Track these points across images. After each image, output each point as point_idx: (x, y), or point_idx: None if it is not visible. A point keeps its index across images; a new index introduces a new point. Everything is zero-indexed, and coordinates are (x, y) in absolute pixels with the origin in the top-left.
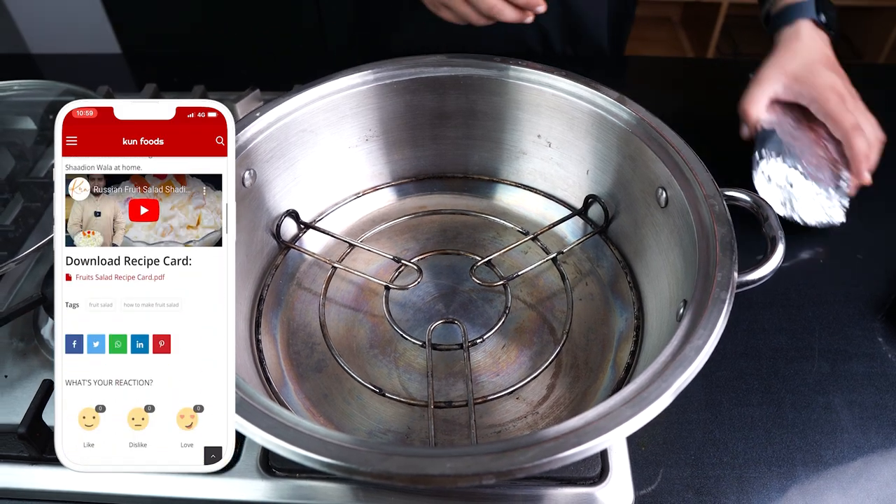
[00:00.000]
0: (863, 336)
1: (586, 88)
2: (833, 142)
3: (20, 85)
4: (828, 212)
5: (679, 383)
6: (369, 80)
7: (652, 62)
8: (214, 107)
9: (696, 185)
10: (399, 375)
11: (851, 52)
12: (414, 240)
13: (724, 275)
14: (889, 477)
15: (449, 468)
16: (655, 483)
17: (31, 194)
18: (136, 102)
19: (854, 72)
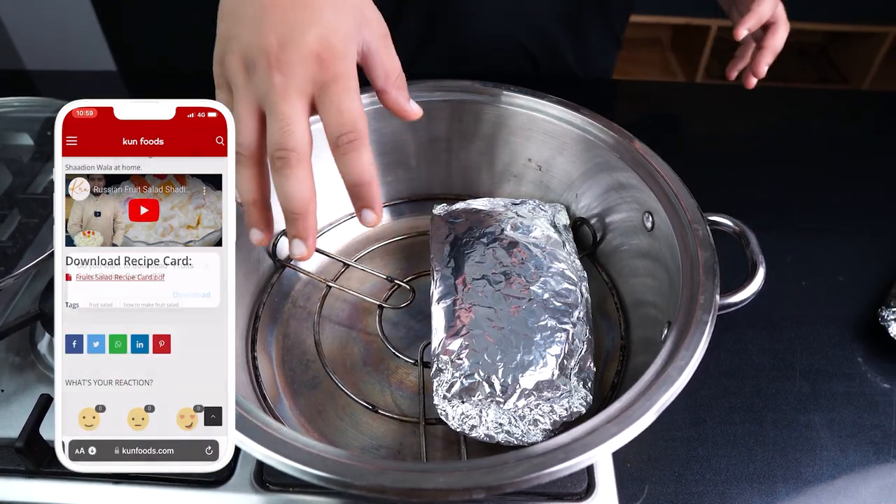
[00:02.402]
0: (843, 356)
1: (576, 114)
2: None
3: (18, 101)
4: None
5: (662, 401)
6: (365, 104)
7: (640, 86)
8: (214, 107)
9: (682, 210)
10: (391, 392)
11: (838, 77)
12: (407, 260)
13: (706, 298)
14: (867, 494)
15: (441, 482)
16: (640, 499)
17: (28, 210)
18: (135, 102)
19: (840, 97)
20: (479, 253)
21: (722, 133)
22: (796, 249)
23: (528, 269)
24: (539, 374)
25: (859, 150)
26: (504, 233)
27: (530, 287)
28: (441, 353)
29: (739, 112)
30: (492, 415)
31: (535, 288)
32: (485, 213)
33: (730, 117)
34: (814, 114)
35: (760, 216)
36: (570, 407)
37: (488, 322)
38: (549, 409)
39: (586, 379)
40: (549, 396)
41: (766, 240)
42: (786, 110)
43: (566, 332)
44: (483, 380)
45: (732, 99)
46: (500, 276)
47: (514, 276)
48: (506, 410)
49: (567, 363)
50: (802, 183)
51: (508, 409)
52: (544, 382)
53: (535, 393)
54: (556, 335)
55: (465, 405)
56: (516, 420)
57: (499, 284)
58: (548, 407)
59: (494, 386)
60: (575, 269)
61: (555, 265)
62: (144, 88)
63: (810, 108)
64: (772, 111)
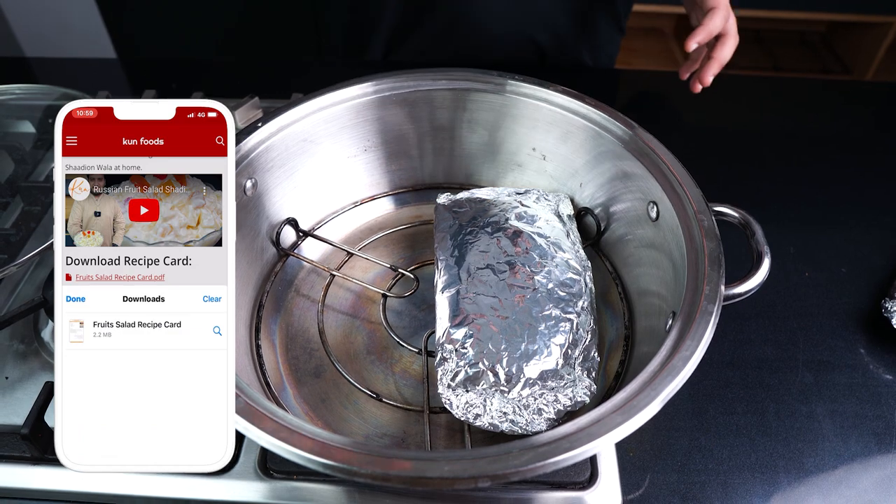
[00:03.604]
0: (846, 348)
1: (581, 104)
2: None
3: (19, 89)
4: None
5: (667, 392)
6: (369, 92)
7: (644, 76)
8: (214, 107)
9: (687, 200)
10: (395, 381)
11: (840, 67)
12: (411, 249)
13: (711, 288)
14: (868, 484)
15: (447, 471)
16: (643, 488)
17: (31, 198)
18: (136, 102)
19: (842, 88)
20: (484, 242)
21: (726, 123)
22: (800, 241)
23: (532, 259)
24: (543, 363)
25: (864, 142)
26: (508, 222)
27: (534, 277)
28: (445, 342)
29: (743, 102)
30: (496, 404)
31: (540, 277)
32: (489, 203)
33: (734, 108)
34: (816, 105)
35: (764, 207)
36: (574, 396)
37: (492, 311)
38: (554, 399)
39: (590, 369)
40: (554, 386)
41: (769, 231)
42: (788, 101)
43: (570, 321)
44: (487, 369)
45: (737, 89)
46: (505, 265)
47: (518, 266)
48: (510, 400)
49: (571, 353)
50: (806, 173)
51: (513, 399)
52: (548, 372)
53: (540, 382)
54: (561, 325)
55: (469, 394)
56: (520, 409)
57: (503, 274)
58: (552, 396)
59: (499, 375)
60: (579, 258)
61: (559, 255)
62: (145, 77)
63: (812, 98)
64: (775, 102)
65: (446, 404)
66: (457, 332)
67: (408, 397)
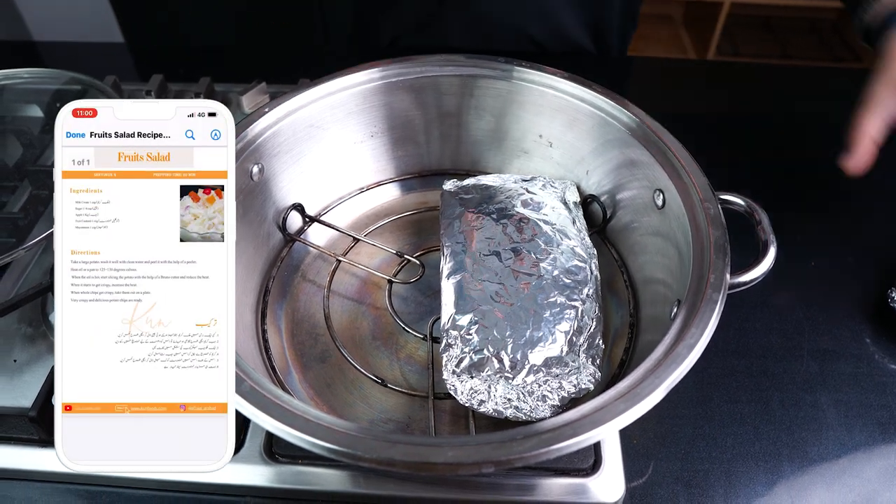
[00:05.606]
0: (851, 337)
1: (588, 91)
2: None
3: (27, 73)
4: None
5: (671, 380)
6: (376, 78)
7: (653, 63)
8: (214, 106)
9: (693, 188)
10: (400, 367)
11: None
12: (417, 235)
13: (716, 276)
14: (872, 474)
15: (451, 456)
16: (646, 475)
17: (39, 182)
18: (136, 102)
19: (852, 76)
20: (489, 229)
21: (733, 111)
22: (806, 229)
23: (537, 246)
24: (548, 350)
25: None
26: (514, 209)
27: (540, 264)
28: (450, 328)
29: (751, 90)
30: (500, 390)
31: (545, 264)
32: (495, 189)
33: (741, 96)
34: (825, 93)
35: (769, 195)
36: (578, 383)
37: (498, 298)
38: (558, 386)
39: (595, 356)
40: (558, 373)
41: (775, 219)
42: (797, 89)
43: (575, 308)
44: (492, 355)
45: (744, 77)
46: (510, 252)
47: (523, 253)
48: (514, 386)
49: (576, 340)
50: (813, 162)
51: (517, 385)
52: (553, 359)
53: (544, 369)
54: (566, 312)
55: (473, 380)
56: (525, 396)
57: (508, 260)
58: (556, 383)
59: (503, 361)
60: (585, 246)
61: (565, 242)
62: (152, 61)
63: (821, 87)
64: (782, 90)
65: (451, 390)
66: (462, 318)
67: (413, 383)
